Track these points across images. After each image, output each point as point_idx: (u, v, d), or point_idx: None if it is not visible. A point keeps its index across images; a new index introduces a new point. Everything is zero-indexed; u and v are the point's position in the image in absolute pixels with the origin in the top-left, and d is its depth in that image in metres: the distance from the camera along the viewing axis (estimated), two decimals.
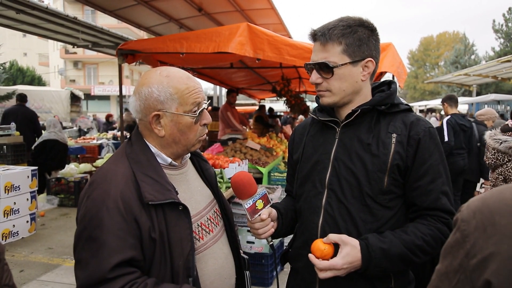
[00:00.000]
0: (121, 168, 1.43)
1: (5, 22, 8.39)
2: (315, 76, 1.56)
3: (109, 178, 1.40)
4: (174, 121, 1.48)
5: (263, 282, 4.09)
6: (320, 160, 1.62)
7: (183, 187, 1.57)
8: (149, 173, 1.44)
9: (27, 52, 46.38)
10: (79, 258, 1.34)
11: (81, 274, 1.32)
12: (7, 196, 5.49)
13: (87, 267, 1.30)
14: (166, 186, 1.44)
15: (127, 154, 1.49)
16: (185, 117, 1.48)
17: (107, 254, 1.29)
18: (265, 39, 4.46)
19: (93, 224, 1.32)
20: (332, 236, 1.43)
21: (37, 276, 4.47)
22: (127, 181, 1.39)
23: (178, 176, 1.58)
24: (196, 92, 1.50)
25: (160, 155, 1.52)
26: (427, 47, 53.82)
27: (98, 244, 1.30)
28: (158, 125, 1.48)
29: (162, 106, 1.46)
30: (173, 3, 7.67)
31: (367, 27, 1.54)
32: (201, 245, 1.54)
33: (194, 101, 1.49)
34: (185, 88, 1.48)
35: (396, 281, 1.52)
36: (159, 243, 1.38)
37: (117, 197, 1.34)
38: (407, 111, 1.59)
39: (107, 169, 1.45)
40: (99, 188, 1.38)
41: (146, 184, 1.40)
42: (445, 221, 1.49)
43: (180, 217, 1.44)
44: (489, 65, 16.60)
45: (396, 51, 4.79)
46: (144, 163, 1.46)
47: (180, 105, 1.47)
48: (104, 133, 14.62)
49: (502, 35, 31.33)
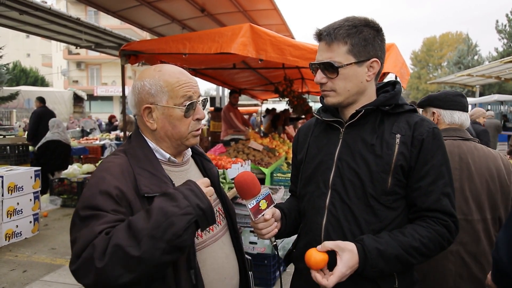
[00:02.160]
0: (118, 160, 1.47)
1: (8, 23, 8.42)
2: (320, 76, 1.56)
3: (106, 168, 1.44)
4: (165, 114, 1.50)
5: (266, 283, 4.08)
6: (324, 160, 1.61)
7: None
8: (146, 167, 1.46)
9: (30, 53, 46.54)
10: (74, 237, 1.34)
11: (75, 247, 1.31)
12: (10, 196, 5.50)
13: (80, 239, 1.29)
14: (163, 179, 1.45)
15: (125, 149, 1.53)
16: (175, 109, 1.50)
17: (99, 222, 1.29)
18: (267, 39, 4.46)
19: (86, 205, 1.35)
20: (328, 244, 1.42)
21: (40, 276, 4.47)
22: (123, 172, 1.42)
23: (178, 173, 1.59)
24: (187, 86, 1.51)
25: (158, 150, 1.54)
26: (430, 47, 53.69)
27: (91, 218, 1.31)
28: (150, 119, 1.52)
29: (154, 99, 1.49)
30: (176, 4, 7.69)
31: (373, 27, 1.53)
32: (200, 242, 1.53)
33: (185, 94, 1.50)
34: (176, 81, 1.50)
35: (400, 281, 1.51)
36: None
37: (111, 183, 1.37)
38: (412, 112, 1.58)
39: (105, 162, 1.49)
40: (95, 176, 1.43)
41: (143, 177, 1.42)
42: (445, 223, 1.48)
43: None
44: (492, 66, 16.56)
45: (399, 51, 4.78)
46: (141, 157, 1.48)
47: (170, 98, 1.49)
48: (107, 133, 14.65)
49: (505, 35, 31.20)
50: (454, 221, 1.50)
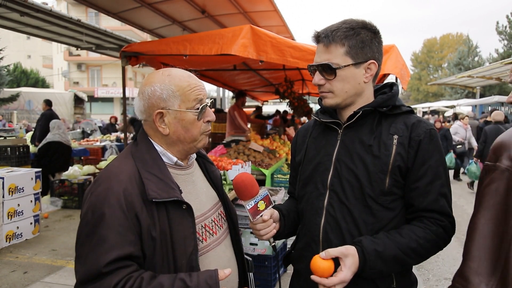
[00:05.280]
0: (126, 166, 1.46)
1: (9, 24, 8.44)
2: (318, 77, 1.57)
3: (113, 175, 1.42)
4: (177, 118, 1.50)
5: (266, 284, 4.08)
6: (322, 161, 1.62)
7: (189, 187, 1.58)
8: (153, 171, 1.45)
9: (31, 54, 46.63)
10: (79, 253, 1.36)
11: (80, 269, 1.34)
12: (11, 198, 5.51)
13: (85, 262, 1.32)
14: (170, 184, 1.45)
15: (132, 153, 1.52)
16: (187, 113, 1.50)
17: (105, 249, 1.30)
18: (268, 41, 4.47)
19: (94, 220, 1.34)
20: (332, 251, 1.40)
21: (41, 277, 4.48)
22: (131, 179, 1.41)
23: (184, 176, 1.59)
24: (198, 89, 1.52)
25: (165, 154, 1.54)
26: (430, 48, 53.72)
27: (98, 239, 1.32)
28: (162, 124, 1.51)
29: (165, 104, 1.48)
30: (176, 5, 7.70)
31: (370, 30, 1.55)
32: (204, 246, 1.54)
33: (196, 97, 1.50)
34: (187, 85, 1.50)
35: (398, 282, 1.52)
36: (161, 241, 1.39)
37: (119, 193, 1.36)
38: (409, 113, 1.59)
39: (112, 167, 1.48)
40: (102, 184, 1.41)
41: (151, 182, 1.41)
42: (442, 224, 1.49)
43: (183, 216, 1.44)
44: (492, 67, 16.57)
45: (399, 53, 4.79)
46: (149, 161, 1.48)
47: (182, 102, 1.49)
48: (108, 135, 14.67)
49: (506, 36, 31.19)
50: (450, 221, 1.51)
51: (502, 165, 1.14)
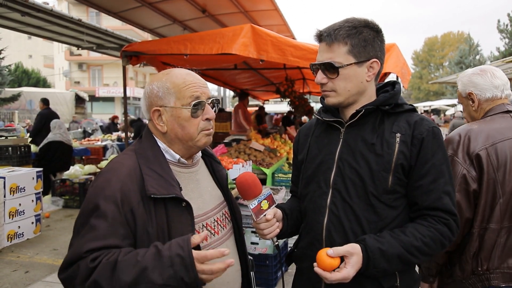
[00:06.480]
0: (128, 161, 1.48)
1: (10, 24, 8.44)
2: (320, 76, 1.56)
3: (114, 170, 1.45)
4: (173, 116, 1.51)
5: (267, 283, 4.08)
6: (324, 160, 1.62)
7: (191, 186, 1.58)
8: (154, 168, 1.46)
9: (32, 54, 46.71)
10: (71, 242, 1.39)
11: (66, 255, 1.37)
12: (12, 197, 5.51)
13: (72, 247, 1.36)
14: (170, 181, 1.45)
15: (135, 149, 1.53)
16: (183, 110, 1.50)
17: (92, 237, 1.33)
18: (268, 40, 4.46)
19: (88, 210, 1.37)
20: (339, 250, 1.41)
21: (42, 277, 4.48)
22: (131, 174, 1.43)
23: (186, 174, 1.59)
24: (194, 86, 1.52)
25: (168, 151, 1.54)
26: (431, 47, 53.66)
27: (88, 228, 1.35)
28: (160, 121, 1.53)
29: (162, 102, 1.51)
30: (177, 5, 7.70)
31: (372, 28, 1.54)
32: (204, 246, 1.52)
33: (192, 94, 1.50)
34: (182, 82, 1.51)
35: (402, 280, 1.52)
36: (158, 238, 1.39)
37: (117, 187, 1.38)
38: (411, 111, 1.59)
39: (114, 162, 1.50)
40: (102, 177, 1.45)
41: (151, 178, 1.42)
42: (446, 222, 1.48)
43: (182, 214, 1.44)
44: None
45: (400, 51, 4.78)
46: (150, 158, 1.49)
47: (177, 99, 1.50)
48: (109, 134, 14.67)
49: (507, 35, 31.10)
50: (455, 219, 1.51)
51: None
